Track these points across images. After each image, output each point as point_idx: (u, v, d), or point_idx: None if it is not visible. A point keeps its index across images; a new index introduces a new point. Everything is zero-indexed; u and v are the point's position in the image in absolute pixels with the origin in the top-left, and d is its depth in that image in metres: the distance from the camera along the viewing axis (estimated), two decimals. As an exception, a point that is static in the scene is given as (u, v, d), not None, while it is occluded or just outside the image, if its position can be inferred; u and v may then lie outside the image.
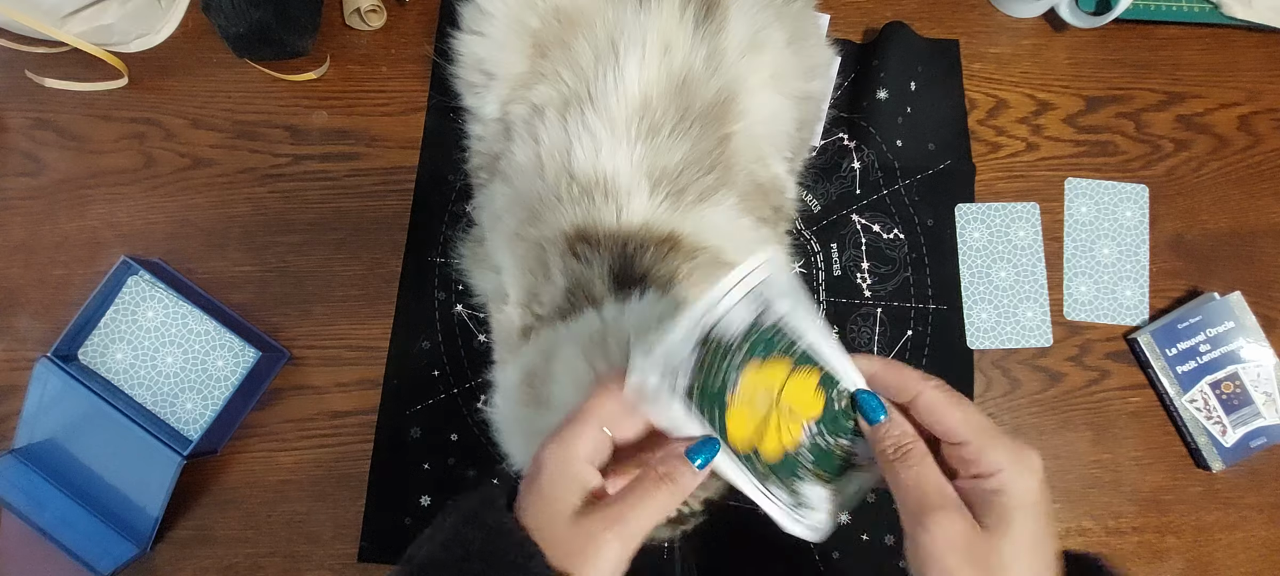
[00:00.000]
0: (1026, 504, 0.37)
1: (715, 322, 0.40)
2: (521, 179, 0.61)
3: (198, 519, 0.70)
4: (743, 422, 0.40)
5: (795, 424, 0.41)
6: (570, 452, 0.39)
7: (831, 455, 0.42)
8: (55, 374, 0.68)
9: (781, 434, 0.41)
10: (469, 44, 0.67)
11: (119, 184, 0.78)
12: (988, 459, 0.38)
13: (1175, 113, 0.82)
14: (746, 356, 0.40)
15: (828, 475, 0.42)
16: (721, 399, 0.40)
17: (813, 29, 0.72)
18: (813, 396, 0.41)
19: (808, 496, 0.41)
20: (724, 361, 0.40)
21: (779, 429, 0.41)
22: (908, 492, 0.38)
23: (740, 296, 0.40)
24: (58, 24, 0.75)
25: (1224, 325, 0.73)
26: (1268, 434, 0.71)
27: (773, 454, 0.41)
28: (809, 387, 0.41)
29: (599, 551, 0.38)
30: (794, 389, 0.41)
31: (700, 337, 0.39)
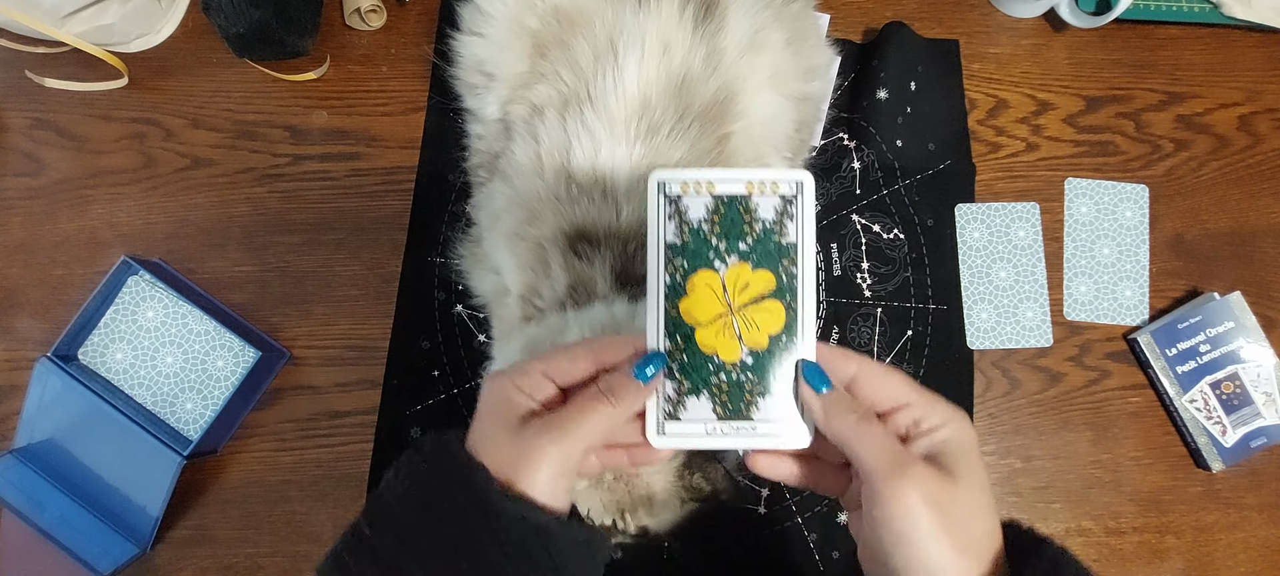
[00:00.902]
0: (973, 449, 0.39)
1: (744, 196, 0.41)
2: (521, 178, 0.61)
3: (198, 519, 0.70)
4: (704, 301, 0.41)
5: (758, 333, 0.41)
6: (508, 381, 0.41)
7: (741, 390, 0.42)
8: (55, 374, 0.68)
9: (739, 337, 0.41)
10: (469, 45, 0.67)
11: (119, 184, 0.78)
12: (934, 414, 0.39)
13: (1175, 113, 0.82)
14: (748, 249, 0.41)
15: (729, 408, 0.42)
16: (703, 260, 0.41)
17: (812, 29, 0.72)
18: (773, 326, 0.41)
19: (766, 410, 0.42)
20: (728, 231, 0.41)
21: (732, 332, 0.41)
22: (875, 454, 0.38)
23: (772, 189, 0.41)
24: (58, 24, 0.75)
25: (1224, 325, 0.73)
26: (1268, 434, 0.71)
27: (728, 352, 0.41)
28: (776, 319, 0.41)
29: (535, 458, 0.39)
30: (765, 310, 0.41)
31: (724, 193, 0.41)
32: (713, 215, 0.41)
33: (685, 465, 0.55)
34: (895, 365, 0.74)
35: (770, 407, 0.41)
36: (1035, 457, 0.73)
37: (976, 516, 0.38)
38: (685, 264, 0.41)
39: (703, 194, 0.41)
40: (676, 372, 0.41)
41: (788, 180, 0.41)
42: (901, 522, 0.36)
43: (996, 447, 0.73)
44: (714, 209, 0.41)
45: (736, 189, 0.41)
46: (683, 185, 0.41)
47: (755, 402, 0.41)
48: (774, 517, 0.70)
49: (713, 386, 0.41)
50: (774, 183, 0.41)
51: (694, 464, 0.55)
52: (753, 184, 0.41)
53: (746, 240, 0.41)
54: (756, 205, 0.41)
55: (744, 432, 0.41)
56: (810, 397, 0.40)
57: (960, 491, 0.37)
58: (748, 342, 0.41)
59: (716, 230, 0.41)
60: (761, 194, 0.41)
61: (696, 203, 0.41)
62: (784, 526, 0.70)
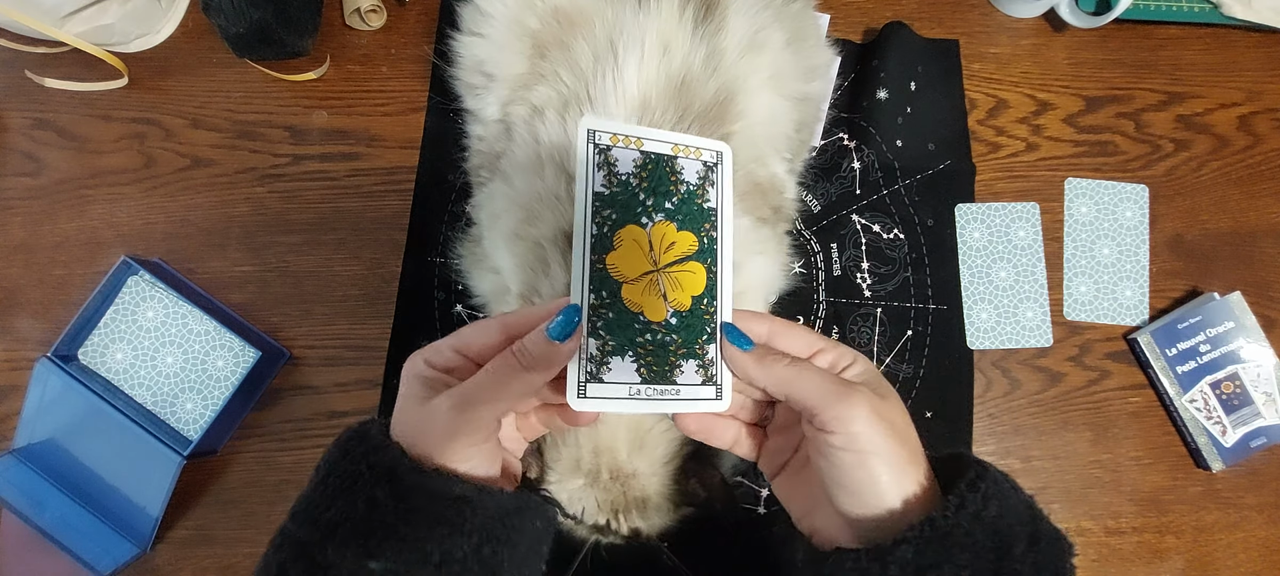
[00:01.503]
0: (880, 375, 0.42)
1: (671, 156, 0.42)
2: (521, 178, 0.61)
3: (198, 519, 0.70)
4: (631, 256, 0.41)
5: (682, 294, 0.41)
6: (419, 358, 0.42)
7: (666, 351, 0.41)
8: (55, 374, 0.68)
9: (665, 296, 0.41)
10: (468, 45, 0.67)
11: (119, 184, 0.78)
12: (844, 355, 0.42)
13: (1175, 113, 0.82)
14: (673, 209, 0.42)
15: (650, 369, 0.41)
16: (631, 214, 0.41)
17: (812, 30, 0.72)
18: (696, 287, 0.42)
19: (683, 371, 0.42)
20: (655, 188, 0.41)
21: (658, 291, 0.41)
22: (819, 384, 0.39)
23: (696, 154, 0.42)
24: (58, 24, 0.75)
25: (1224, 325, 0.73)
26: (1268, 434, 0.71)
27: (654, 311, 0.41)
28: (698, 280, 0.42)
29: (447, 429, 0.39)
30: (688, 272, 0.41)
31: (651, 151, 0.41)
32: (641, 170, 0.41)
33: (681, 470, 0.55)
34: (895, 366, 0.74)
35: (692, 370, 0.41)
36: (1035, 457, 0.73)
37: (909, 429, 0.40)
38: (613, 215, 0.41)
39: (632, 148, 0.41)
40: (601, 330, 0.40)
41: (710, 148, 0.43)
42: (861, 440, 0.38)
43: (996, 447, 0.73)
44: (643, 164, 0.41)
45: (663, 149, 0.42)
46: (613, 137, 0.41)
47: (679, 365, 0.41)
48: (774, 517, 0.70)
49: (638, 347, 0.40)
50: (697, 148, 0.43)
51: (690, 469, 0.55)
52: (678, 146, 0.42)
53: (672, 199, 0.42)
54: (681, 167, 0.42)
55: (668, 397, 0.41)
56: (737, 355, 0.41)
57: (892, 406, 0.40)
58: (672, 303, 0.41)
59: (645, 185, 0.41)
60: (686, 157, 0.42)
61: (626, 156, 0.41)
62: (784, 526, 0.70)
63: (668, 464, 0.54)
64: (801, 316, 0.75)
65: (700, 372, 0.41)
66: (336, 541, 0.38)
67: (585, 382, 0.40)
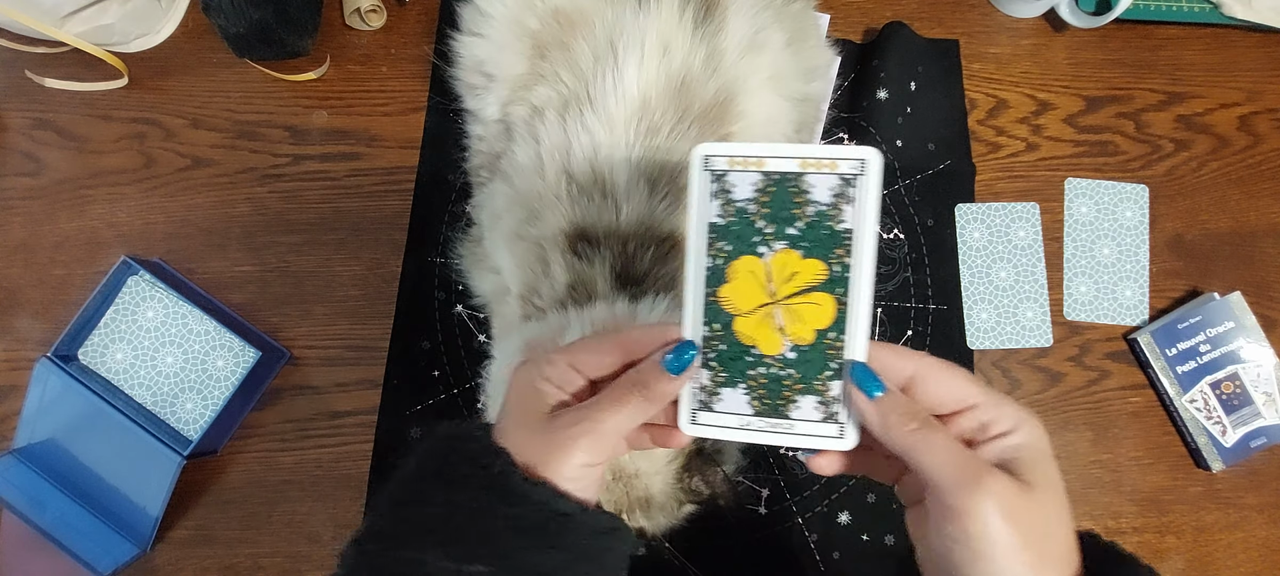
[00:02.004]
0: (1047, 454, 0.36)
1: (797, 174, 0.37)
2: (521, 179, 0.62)
3: (198, 519, 0.70)
4: (746, 288, 0.38)
5: (803, 327, 0.38)
6: (535, 372, 0.40)
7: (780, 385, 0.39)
8: (55, 374, 0.68)
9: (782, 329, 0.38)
10: (468, 46, 0.67)
11: (119, 184, 0.78)
12: (1004, 416, 0.36)
13: (1175, 113, 0.82)
14: (798, 234, 0.37)
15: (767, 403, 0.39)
16: (747, 244, 0.38)
17: (812, 30, 0.72)
18: (821, 320, 0.38)
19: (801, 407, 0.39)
20: (777, 214, 0.37)
21: (774, 324, 0.38)
22: (942, 464, 0.35)
23: (830, 167, 0.37)
24: (58, 24, 0.75)
25: (1224, 325, 0.73)
26: (1268, 434, 0.71)
27: (769, 344, 0.38)
28: (825, 313, 0.37)
29: (566, 449, 0.38)
30: (813, 303, 0.37)
31: (774, 171, 0.37)
32: (761, 195, 0.38)
33: (684, 468, 0.54)
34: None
35: (810, 406, 0.38)
36: (1035, 457, 0.73)
37: (1055, 528, 0.35)
38: (728, 247, 0.38)
39: (751, 171, 0.38)
40: (712, 361, 0.39)
41: (849, 158, 0.37)
42: (978, 540, 0.34)
43: (996, 447, 0.73)
44: (763, 188, 0.38)
45: (789, 166, 0.37)
46: (730, 160, 0.38)
47: (794, 400, 0.38)
48: (774, 518, 0.70)
49: (750, 379, 0.39)
50: (832, 160, 0.37)
51: (693, 466, 0.55)
52: (808, 160, 0.37)
53: (796, 224, 0.37)
54: (810, 185, 0.37)
55: (781, 431, 0.39)
56: (862, 403, 0.37)
57: (1037, 501, 0.34)
58: (791, 336, 0.38)
59: (764, 211, 0.38)
60: (817, 172, 0.37)
61: (743, 180, 0.38)
62: (784, 526, 0.70)
63: (671, 462, 0.54)
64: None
65: (820, 409, 0.38)
66: (434, 540, 0.37)
67: (697, 410, 0.40)
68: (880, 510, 0.70)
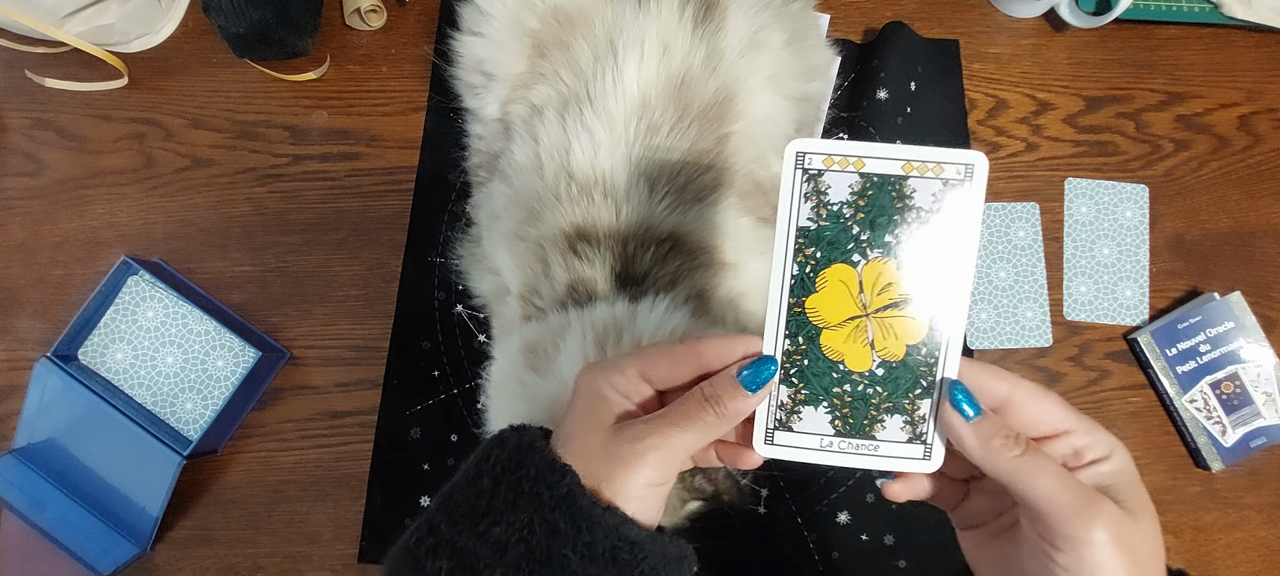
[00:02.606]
0: (1139, 480, 0.36)
1: (900, 177, 0.35)
2: (521, 178, 0.62)
3: (198, 519, 0.71)
4: (835, 300, 0.36)
5: (894, 342, 0.36)
6: (603, 379, 0.38)
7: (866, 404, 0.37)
8: (55, 374, 0.68)
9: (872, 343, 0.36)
10: (468, 45, 0.67)
11: (119, 184, 0.78)
12: (1098, 442, 0.36)
13: (1175, 113, 0.82)
14: (895, 243, 0.35)
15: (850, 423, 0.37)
16: (841, 252, 0.35)
17: (812, 29, 0.72)
18: (914, 335, 0.36)
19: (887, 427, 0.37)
20: (875, 219, 0.35)
21: (865, 339, 0.36)
22: (1055, 492, 0.34)
23: (935, 171, 0.35)
24: (58, 24, 0.75)
25: (1224, 325, 0.73)
26: (1268, 434, 0.71)
27: (858, 360, 0.36)
28: (917, 326, 0.35)
29: (632, 465, 0.36)
30: (907, 316, 0.35)
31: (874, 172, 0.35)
32: (858, 198, 0.35)
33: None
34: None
35: (897, 427, 0.36)
36: (1035, 457, 0.73)
37: (1157, 554, 0.35)
38: (818, 254, 0.36)
39: (849, 171, 0.35)
40: (793, 377, 0.37)
41: (955, 162, 0.35)
42: (1092, 568, 0.33)
43: (996, 447, 0.73)
44: (861, 190, 0.35)
45: (891, 168, 0.35)
46: (826, 159, 0.35)
47: (881, 420, 0.37)
48: (774, 518, 0.70)
49: (834, 397, 0.37)
50: (938, 163, 0.35)
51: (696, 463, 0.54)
52: (911, 163, 0.35)
53: (894, 232, 0.35)
54: (912, 190, 0.35)
55: (864, 452, 0.37)
56: (959, 425, 0.35)
57: (1141, 529, 0.34)
58: (880, 352, 0.36)
59: (860, 216, 0.35)
60: (921, 177, 0.35)
61: (840, 181, 0.35)
62: (784, 526, 0.70)
63: None
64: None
65: (906, 429, 0.36)
66: (506, 562, 0.35)
67: (773, 430, 0.38)
68: (880, 510, 0.70)
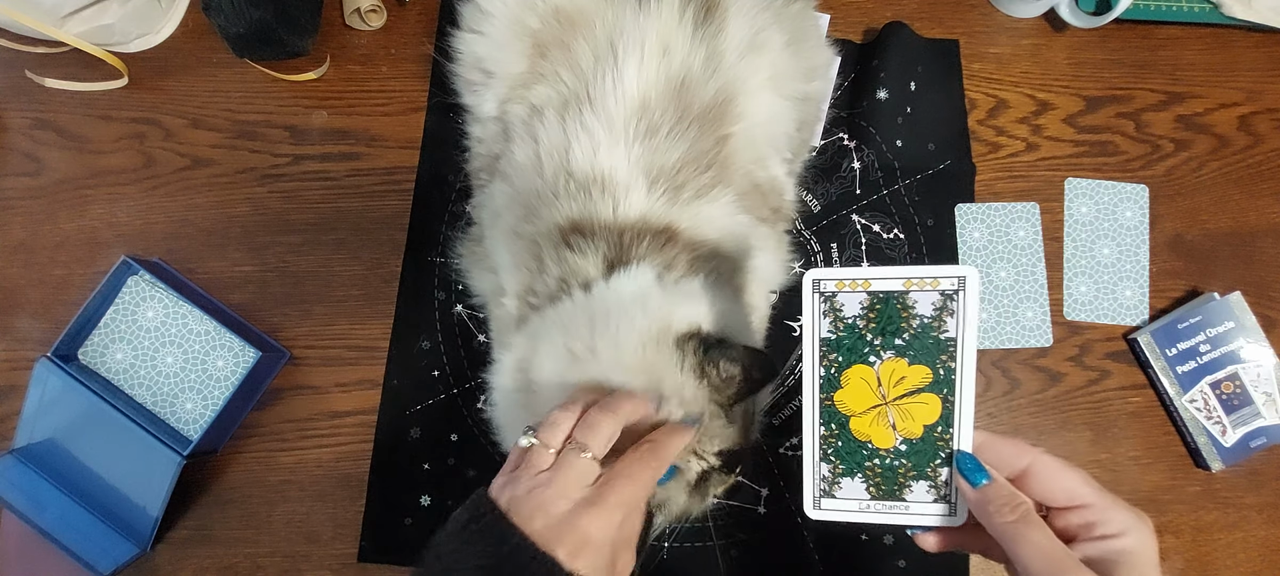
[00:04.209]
0: (1150, 563, 0.37)
1: (902, 292, 0.41)
2: (520, 177, 0.62)
3: (198, 519, 0.71)
4: (858, 393, 0.43)
5: (912, 423, 0.42)
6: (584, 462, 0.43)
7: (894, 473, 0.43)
8: (55, 374, 0.68)
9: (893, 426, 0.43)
10: (468, 42, 0.67)
11: (119, 184, 0.78)
12: (1114, 519, 0.38)
13: (1175, 113, 0.82)
14: (904, 345, 0.41)
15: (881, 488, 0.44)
16: (858, 355, 0.42)
17: (812, 30, 0.72)
18: (928, 417, 0.42)
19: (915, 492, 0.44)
20: (884, 327, 0.41)
21: (887, 422, 0.43)
22: (1035, 556, 0.37)
23: (932, 285, 0.41)
24: (58, 24, 0.75)
25: (1224, 325, 0.73)
26: (1267, 434, 0.71)
27: (882, 439, 0.43)
28: (932, 410, 0.42)
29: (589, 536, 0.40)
30: (920, 403, 0.42)
31: (879, 290, 0.41)
32: (869, 311, 0.42)
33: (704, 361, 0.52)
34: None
35: (923, 490, 0.43)
36: (1035, 457, 0.73)
37: None
38: (840, 358, 0.42)
39: (858, 291, 0.42)
40: (831, 455, 0.44)
41: (949, 276, 0.41)
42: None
43: (996, 447, 0.73)
44: (870, 305, 0.42)
45: (894, 286, 0.41)
46: (838, 283, 0.42)
47: (908, 485, 0.43)
48: (774, 518, 0.70)
49: (866, 470, 0.43)
50: (934, 279, 0.41)
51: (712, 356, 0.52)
52: (911, 281, 0.41)
53: (903, 336, 0.41)
54: (914, 301, 0.41)
55: (897, 511, 0.43)
56: (966, 490, 0.40)
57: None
58: (902, 432, 0.42)
59: (872, 326, 0.42)
60: (920, 290, 0.41)
61: (852, 299, 0.42)
62: (784, 526, 0.70)
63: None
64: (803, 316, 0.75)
65: (932, 492, 0.43)
66: None
67: (819, 497, 0.44)
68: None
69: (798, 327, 0.73)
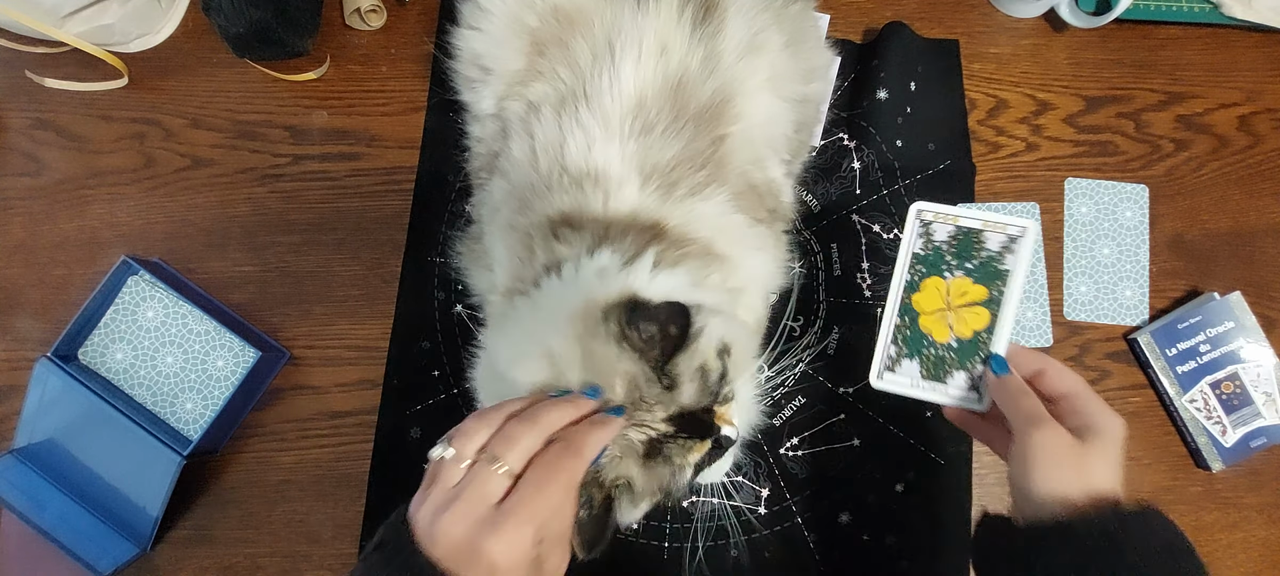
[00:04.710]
0: (1110, 434, 0.49)
1: (980, 230, 0.55)
2: (517, 172, 0.62)
3: (198, 519, 0.71)
4: (931, 297, 0.55)
5: (965, 327, 0.55)
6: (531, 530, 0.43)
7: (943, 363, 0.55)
8: (55, 374, 0.68)
9: (950, 326, 0.55)
10: (467, 39, 0.67)
11: (119, 184, 0.78)
12: (1094, 407, 0.50)
13: (1175, 113, 0.82)
14: (972, 268, 0.55)
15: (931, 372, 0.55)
16: (937, 269, 0.55)
17: (812, 31, 0.72)
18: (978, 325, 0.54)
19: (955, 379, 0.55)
20: (961, 253, 0.55)
21: (946, 323, 0.55)
22: (1024, 412, 0.49)
23: (1004, 231, 0.54)
24: (58, 24, 0.75)
25: (1224, 325, 0.73)
26: (1268, 434, 0.71)
27: (940, 334, 0.55)
28: (981, 320, 0.54)
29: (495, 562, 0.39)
30: (974, 313, 0.54)
31: (964, 226, 0.55)
32: (952, 239, 0.55)
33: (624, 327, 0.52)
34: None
35: (961, 379, 0.54)
36: (1035, 457, 0.73)
37: (1082, 473, 0.47)
38: (923, 269, 0.56)
39: (948, 223, 0.56)
40: (899, 340, 0.55)
41: (1016, 225, 0.54)
42: (1021, 459, 0.48)
43: (996, 447, 0.73)
44: (955, 235, 0.55)
45: (975, 225, 0.55)
46: (935, 215, 0.56)
47: (951, 373, 0.54)
48: (774, 518, 0.70)
49: (923, 355, 0.55)
50: (1005, 224, 0.54)
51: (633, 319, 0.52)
52: (989, 223, 0.55)
53: (973, 261, 0.55)
54: (986, 238, 0.55)
55: (939, 391, 0.54)
56: (991, 379, 0.52)
57: (1090, 449, 0.48)
58: (956, 332, 0.55)
59: (952, 250, 0.55)
60: (992, 231, 0.55)
61: (942, 228, 0.56)
62: (784, 526, 0.70)
63: None
64: (802, 316, 0.75)
65: (967, 382, 0.54)
66: None
67: (883, 370, 0.55)
68: (880, 510, 0.70)
69: (798, 328, 0.74)
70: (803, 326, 0.74)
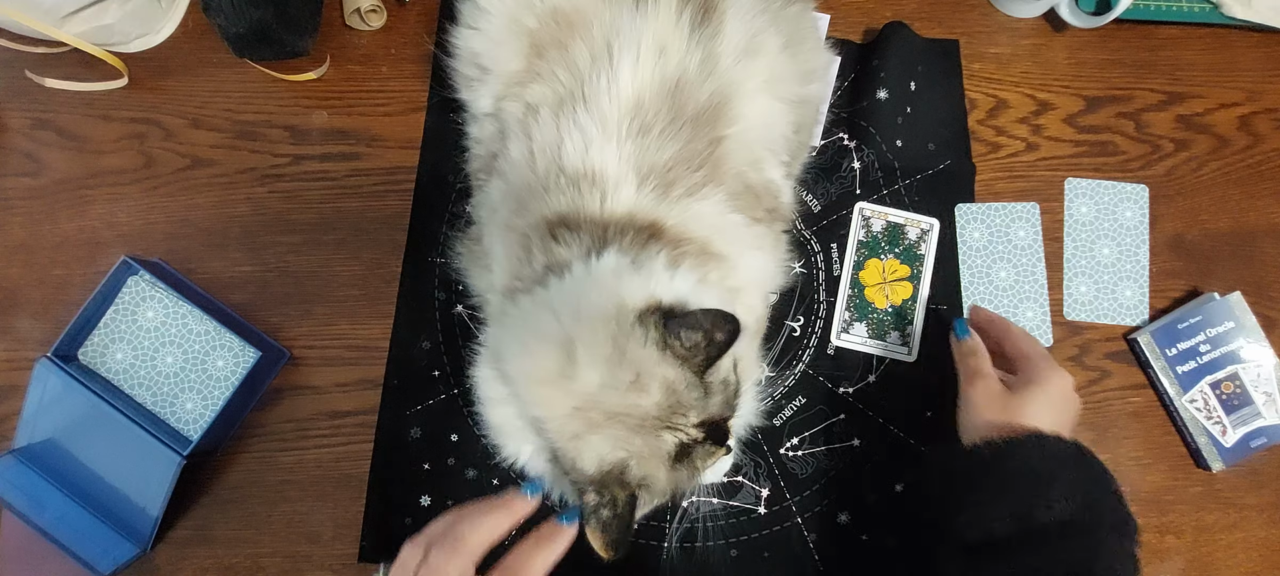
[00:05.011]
0: (1048, 388, 0.60)
1: (902, 226, 0.76)
2: (515, 173, 0.62)
3: (198, 519, 0.71)
4: (871, 273, 0.75)
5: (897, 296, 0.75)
6: None
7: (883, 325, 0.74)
8: (55, 374, 0.68)
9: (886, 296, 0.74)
10: (465, 38, 0.67)
11: (119, 184, 0.78)
12: (1036, 366, 0.62)
13: (1175, 113, 0.82)
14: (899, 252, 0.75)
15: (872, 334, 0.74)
16: (875, 252, 0.75)
17: (810, 32, 0.72)
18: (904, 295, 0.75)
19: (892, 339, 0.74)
20: (891, 241, 0.75)
21: (884, 293, 0.74)
22: (969, 368, 0.64)
23: (918, 226, 0.76)
24: (58, 24, 0.75)
25: (1224, 325, 0.73)
26: (1268, 434, 0.71)
27: (880, 302, 0.74)
28: (905, 292, 0.75)
29: None
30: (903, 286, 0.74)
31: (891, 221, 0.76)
32: (885, 231, 0.75)
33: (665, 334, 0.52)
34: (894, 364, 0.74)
35: (896, 337, 0.73)
36: (1035, 458, 0.73)
37: (1007, 413, 0.59)
38: (866, 252, 0.75)
39: (881, 218, 0.75)
40: (852, 307, 0.74)
41: (925, 222, 0.76)
42: (964, 404, 0.62)
43: (996, 448, 0.73)
44: (886, 228, 0.75)
45: (899, 220, 0.75)
46: (873, 211, 0.76)
47: (889, 332, 0.73)
48: (774, 517, 0.70)
49: (868, 319, 0.74)
50: (917, 221, 0.76)
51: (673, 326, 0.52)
52: (908, 219, 0.76)
53: (899, 247, 0.75)
54: (907, 230, 0.75)
55: (879, 347, 0.73)
56: (952, 340, 0.67)
57: (1021, 397, 0.60)
58: (891, 300, 0.74)
59: (885, 238, 0.75)
60: (911, 227, 0.75)
61: (877, 222, 0.76)
62: (784, 526, 0.70)
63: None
64: (802, 316, 0.75)
65: (900, 338, 0.73)
66: None
67: (840, 331, 0.73)
68: (880, 510, 0.70)
69: (797, 329, 0.74)
70: (803, 326, 0.74)
